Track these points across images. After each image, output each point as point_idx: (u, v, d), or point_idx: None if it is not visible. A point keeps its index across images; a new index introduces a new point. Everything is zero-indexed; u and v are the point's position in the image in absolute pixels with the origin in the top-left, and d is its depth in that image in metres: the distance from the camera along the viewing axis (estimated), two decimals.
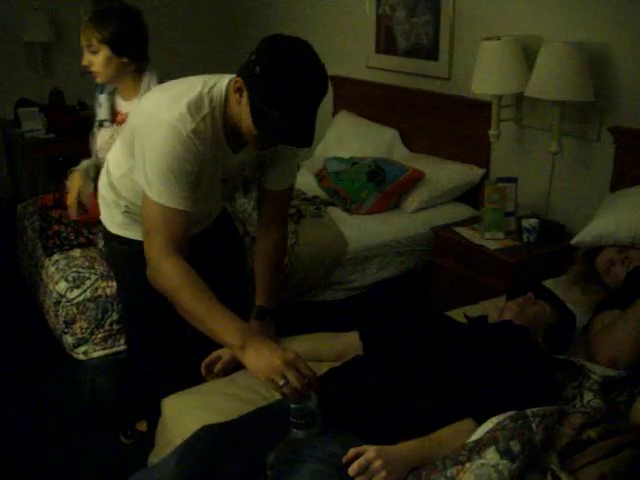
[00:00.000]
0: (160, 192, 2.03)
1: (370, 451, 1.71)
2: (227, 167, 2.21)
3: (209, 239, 2.46)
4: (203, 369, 2.26)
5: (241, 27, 6.09)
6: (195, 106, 2.03)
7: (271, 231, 2.47)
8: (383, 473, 1.68)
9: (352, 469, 1.68)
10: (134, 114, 2.23)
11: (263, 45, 1.97)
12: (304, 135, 1.98)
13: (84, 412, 3.21)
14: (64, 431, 3.10)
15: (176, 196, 2.03)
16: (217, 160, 2.15)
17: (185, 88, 2.10)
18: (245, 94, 1.97)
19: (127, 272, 2.52)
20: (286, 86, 1.89)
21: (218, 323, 1.96)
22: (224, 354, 2.24)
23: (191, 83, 2.12)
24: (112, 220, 2.48)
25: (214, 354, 2.26)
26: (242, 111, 2.00)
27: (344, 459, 1.72)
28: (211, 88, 2.08)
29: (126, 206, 2.37)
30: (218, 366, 2.25)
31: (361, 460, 1.69)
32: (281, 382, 1.82)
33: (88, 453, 3.01)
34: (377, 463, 1.69)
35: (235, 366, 2.26)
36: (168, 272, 2.02)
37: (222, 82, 2.10)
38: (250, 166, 2.31)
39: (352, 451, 1.72)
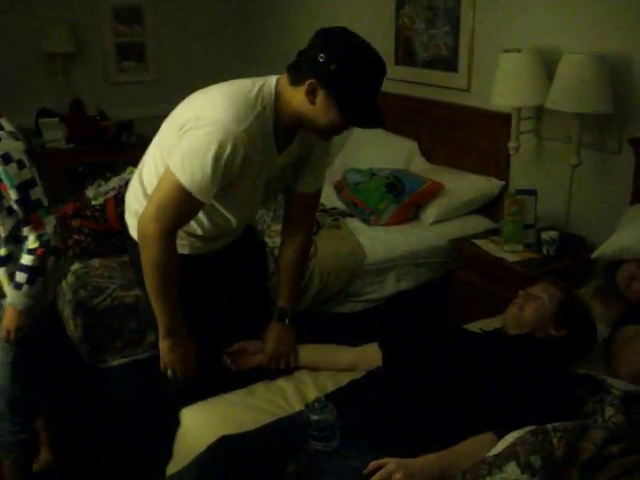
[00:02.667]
0: (193, 178, 2.04)
1: (391, 463, 1.70)
2: (272, 168, 2.23)
3: (236, 253, 2.47)
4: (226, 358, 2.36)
5: (260, 41, 6.12)
6: (248, 105, 2.06)
7: (297, 235, 2.51)
8: None
9: None
10: (179, 114, 2.20)
11: (326, 42, 2.01)
12: (382, 117, 2.07)
13: (101, 420, 3.21)
14: (81, 439, 3.10)
15: (204, 188, 2.06)
16: (264, 161, 2.16)
17: (236, 88, 2.12)
18: (321, 93, 2.00)
19: None
20: (367, 76, 2.00)
21: (165, 309, 2.22)
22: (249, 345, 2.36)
23: (240, 84, 2.14)
24: None
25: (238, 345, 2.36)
26: (318, 110, 2.04)
27: (365, 471, 1.72)
28: (261, 87, 2.11)
29: None
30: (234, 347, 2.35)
31: (382, 472, 1.69)
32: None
33: (105, 461, 3.01)
34: (397, 476, 1.68)
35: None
36: (160, 249, 2.13)
37: (270, 82, 2.13)
38: (290, 168, 2.32)
39: (373, 464, 1.72)
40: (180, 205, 2.10)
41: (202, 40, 6.16)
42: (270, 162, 2.19)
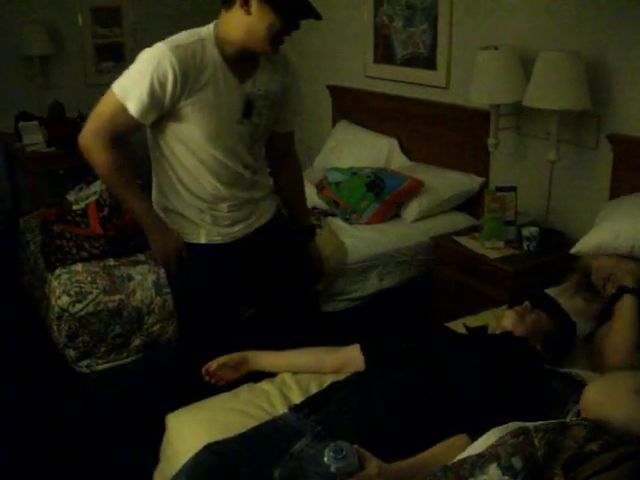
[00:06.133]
0: (123, 87, 2.26)
1: (373, 467, 1.72)
2: (237, 101, 2.36)
3: (271, 253, 2.64)
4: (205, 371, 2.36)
5: None
6: (183, 36, 2.29)
7: (288, 163, 2.78)
8: None
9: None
10: None
11: None
12: (314, 7, 2.24)
13: (87, 425, 3.22)
14: (67, 444, 3.10)
15: (134, 97, 2.23)
16: (219, 87, 2.30)
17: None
18: (254, 1, 2.19)
19: (182, 275, 2.60)
20: None
21: (135, 205, 2.43)
22: (229, 360, 2.36)
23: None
24: None
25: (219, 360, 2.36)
26: (255, 18, 2.21)
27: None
28: (197, 30, 2.32)
29: (177, 209, 2.49)
30: (213, 364, 2.35)
31: (364, 475, 1.70)
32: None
33: (91, 466, 3.01)
34: None
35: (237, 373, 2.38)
36: (101, 156, 2.31)
37: (208, 25, 2.35)
38: (263, 108, 2.44)
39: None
40: (113, 115, 2.27)
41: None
42: (234, 90, 2.33)
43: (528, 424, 1.67)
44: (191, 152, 2.37)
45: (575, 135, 3.52)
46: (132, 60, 2.30)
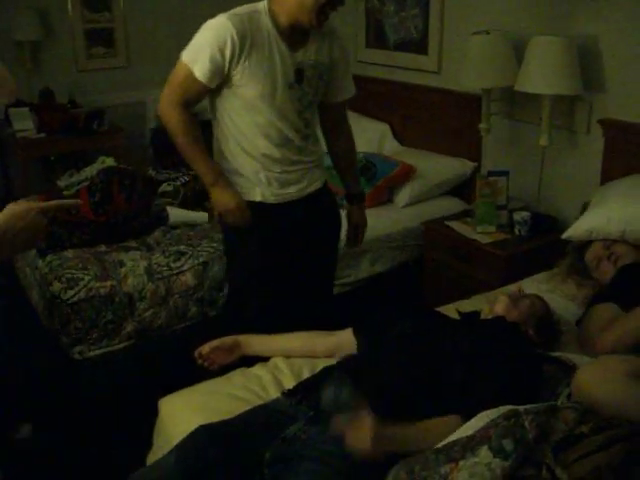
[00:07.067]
0: (190, 55, 2.50)
1: (369, 419, 1.73)
2: (289, 67, 2.55)
3: (313, 222, 2.82)
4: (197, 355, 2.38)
5: None
6: (239, 9, 2.51)
7: (341, 130, 2.94)
8: (368, 445, 1.71)
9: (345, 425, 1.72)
10: None
11: None
12: None
13: (80, 411, 3.21)
14: (60, 431, 3.10)
15: (199, 63, 2.47)
16: (273, 53, 2.51)
17: None
18: None
19: (241, 241, 2.78)
20: None
21: (201, 165, 2.64)
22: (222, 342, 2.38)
23: None
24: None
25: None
26: None
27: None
28: (253, 4, 2.53)
29: (236, 169, 2.69)
30: (205, 348, 2.37)
31: (357, 422, 1.72)
32: (230, 220, 2.66)
33: (85, 452, 3.01)
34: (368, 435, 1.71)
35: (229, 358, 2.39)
36: (174, 119, 2.56)
37: (262, 0, 2.55)
38: (313, 77, 2.62)
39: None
40: (184, 81, 2.52)
41: (172, 25, 6.10)
42: (286, 58, 2.54)
43: (519, 407, 1.68)
44: (247, 114, 2.58)
45: (567, 120, 3.52)
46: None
